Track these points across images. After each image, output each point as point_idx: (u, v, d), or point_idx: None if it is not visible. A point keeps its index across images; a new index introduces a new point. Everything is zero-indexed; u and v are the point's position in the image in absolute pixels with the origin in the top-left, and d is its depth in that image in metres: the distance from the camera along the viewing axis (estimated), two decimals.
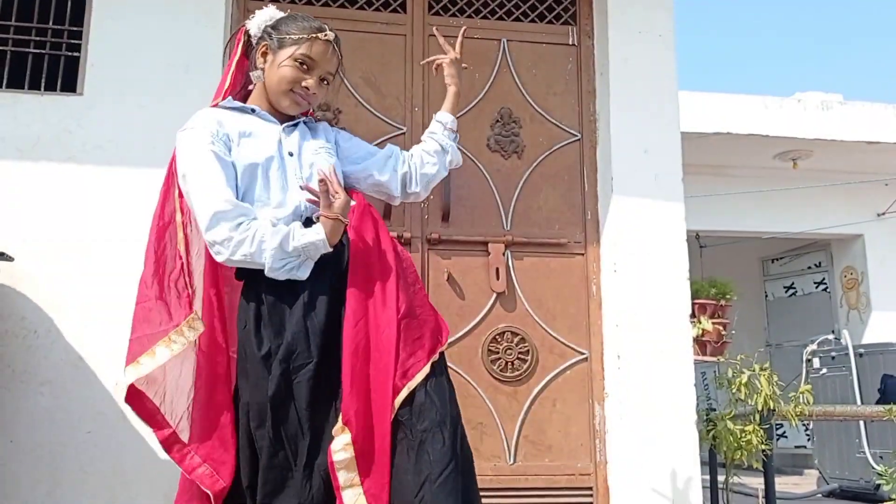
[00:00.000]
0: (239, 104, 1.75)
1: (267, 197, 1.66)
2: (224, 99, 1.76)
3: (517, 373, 2.89)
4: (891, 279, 6.94)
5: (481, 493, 1.66)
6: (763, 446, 2.80)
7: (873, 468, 4.33)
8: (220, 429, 1.63)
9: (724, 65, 27.73)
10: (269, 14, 1.77)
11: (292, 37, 1.70)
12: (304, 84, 1.71)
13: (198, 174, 1.61)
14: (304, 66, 1.70)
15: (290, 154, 1.72)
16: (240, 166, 1.65)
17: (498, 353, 2.90)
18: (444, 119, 1.92)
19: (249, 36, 1.79)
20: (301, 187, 1.65)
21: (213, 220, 1.56)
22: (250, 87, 1.81)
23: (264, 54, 1.73)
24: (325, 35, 1.71)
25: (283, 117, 1.77)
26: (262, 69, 1.74)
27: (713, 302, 6.05)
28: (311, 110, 1.85)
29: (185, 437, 1.63)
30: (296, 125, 1.78)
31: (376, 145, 2.00)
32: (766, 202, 6.79)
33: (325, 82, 1.75)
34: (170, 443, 1.63)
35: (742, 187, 6.72)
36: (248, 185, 1.65)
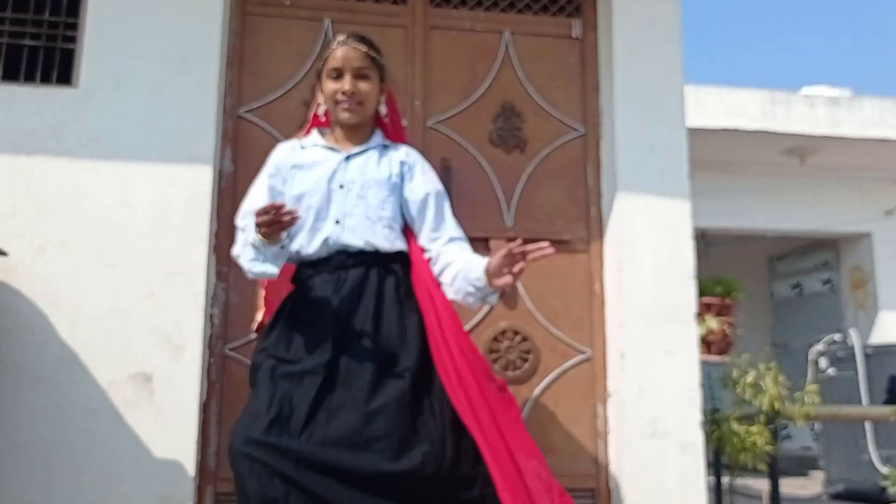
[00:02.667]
0: (295, 140, 1.98)
1: (303, 225, 1.82)
2: (307, 134, 1.98)
3: (518, 372, 2.84)
4: None
5: None
6: (768, 448, 2.76)
7: (879, 471, 4.28)
8: None
9: (731, 59, 27.63)
10: None
11: (322, 61, 1.91)
12: (342, 91, 1.86)
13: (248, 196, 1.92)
14: (336, 76, 1.87)
15: (341, 186, 1.86)
16: (289, 199, 1.84)
17: (499, 352, 2.85)
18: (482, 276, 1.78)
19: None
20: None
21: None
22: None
23: (317, 88, 1.96)
24: (337, 41, 1.89)
25: (356, 141, 1.93)
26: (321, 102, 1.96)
27: (719, 301, 6.00)
28: (393, 131, 2.00)
29: None
30: (364, 151, 1.92)
31: None
32: (773, 199, 6.73)
33: (365, 77, 1.88)
34: None
35: (749, 184, 6.67)
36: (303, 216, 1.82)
